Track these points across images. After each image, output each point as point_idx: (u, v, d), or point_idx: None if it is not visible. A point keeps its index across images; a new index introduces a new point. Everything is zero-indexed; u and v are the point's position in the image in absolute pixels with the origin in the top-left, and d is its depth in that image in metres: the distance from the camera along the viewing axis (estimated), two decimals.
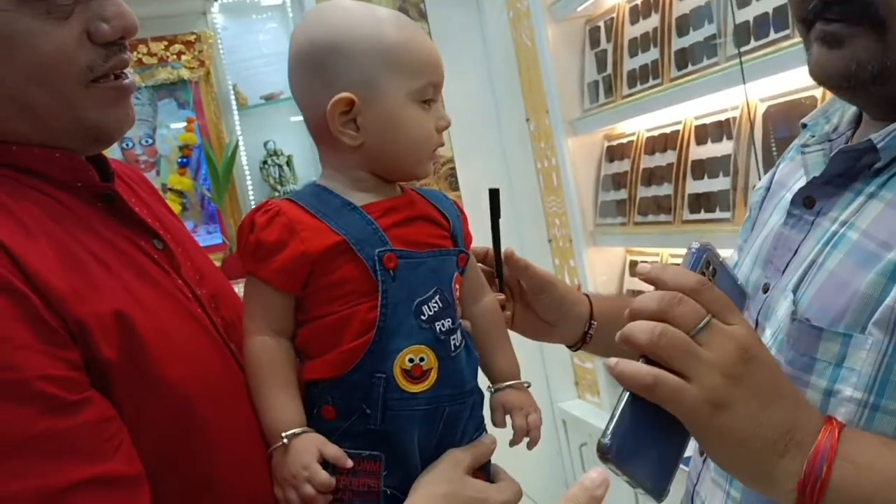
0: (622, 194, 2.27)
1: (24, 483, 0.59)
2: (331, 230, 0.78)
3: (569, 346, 1.05)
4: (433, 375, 0.79)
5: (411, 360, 0.78)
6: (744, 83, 1.61)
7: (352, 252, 0.78)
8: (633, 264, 2.34)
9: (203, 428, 0.71)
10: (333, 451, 0.76)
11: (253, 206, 2.80)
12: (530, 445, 0.88)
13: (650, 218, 2.15)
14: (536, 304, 1.01)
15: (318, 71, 0.82)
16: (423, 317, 0.79)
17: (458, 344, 0.82)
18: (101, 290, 0.68)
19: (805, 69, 0.74)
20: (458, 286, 0.85)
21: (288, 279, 0.78)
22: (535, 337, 1.04)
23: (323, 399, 0.79)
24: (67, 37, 0.68)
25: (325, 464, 0.76)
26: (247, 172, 2.80)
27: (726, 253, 0.89)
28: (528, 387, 0.91)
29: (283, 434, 0.76)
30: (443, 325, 0.80)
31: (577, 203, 2.39)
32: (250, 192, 2.82)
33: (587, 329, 1.02)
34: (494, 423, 0.88)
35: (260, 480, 0.76)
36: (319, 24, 0.82)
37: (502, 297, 0.97)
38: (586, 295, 1.05)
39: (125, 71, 0.74)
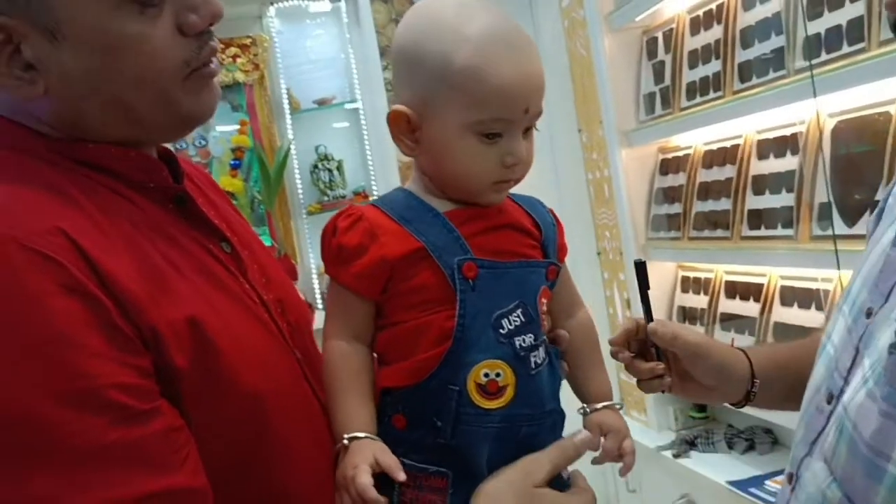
0: (676, 208, 2.23)
1: (92, 495, 0.57)
2: (411, 236, 0.77)
3: (732, 404, 1.00)
4: (510, 392, 0.76)
5: (486, 375, 0.75)
6: (814, 96, 1.56)
7: (430, 259, 0.76)
8: (685, 280, 2.29)
9: (274, 436, 0.70)
10: (389, 460, 0.73)
11: (303, 210, 2.83)
12: (623, 472, 0.83)
13: (706, 233, 2.10)
14: (694, 371, 0.96)
15: (396, 72, 0.81)
16: (502, 330, 0.77)
17: (539, 361, 0.79)
18: (174, 295, 0.66)
19: (879, 84, 0.69)
20: (545, 300, 0.81)
21: (367, 284, 0.78)
22: (696, 399, 1.02)
23: (395, 408, 0.77)
24: (163, 35, 0.67)
25: (385, 477, 0.73)
26: (297, 176, 2.82)
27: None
28: (622, 409, 0.87)
29: (346, 436, 0.74)
30: (523, 340, 0.77)
31: (628, 216, 2.35)
32: (300, 196, 2.83)
33: (750, 388, 0.97)
34: (590, 447, 0.83)
35: (330, 491, 0.74)
36: (407, 25, 0.80)
37: (661, 366, 0.92)
38: (742, 350, 1.00)
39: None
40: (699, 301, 2.20)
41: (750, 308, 1.97)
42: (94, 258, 0.62)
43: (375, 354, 0.81)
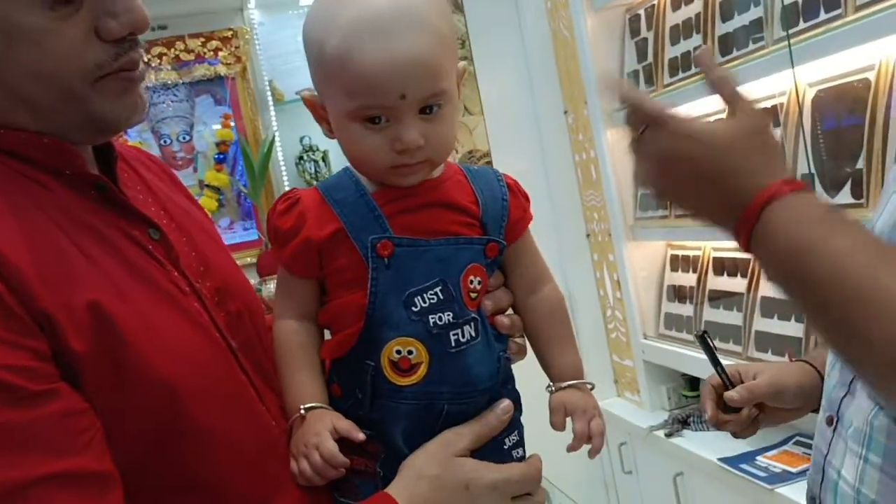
0: None
1: None
2: (335, 217, 0.78)
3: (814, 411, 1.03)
4: (423, 370, 0.77)
5: (399, 352, 0.76)
6: (792, 66, 1.54)
7: (349, 239, 0.78)
8: (675, 258, 2.28)
9: (193, 425, 0.68)
10: (345, 424, 0.77)
11: None
12: (592, 454, 0.82)
13: None
14: (779, 404, 1.03)
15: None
16: (414, 308, 0.77)
17: (463, 340, 0.78)
18: (76, 280, 0.64)
19: (857, 51, 0.69)
20: (477, 278, 0.80)
21: (301, 264, 0.80)
22: (789, 420, 1.08)
23: (331, 378, 0.81)
24: (74, 35, 0.65)
25: (339, 442, 0.76)
26: (283, 168, 2.80)
27: None
28: (592, 389, 0.86)
29: (302, 407, 0.77)
30: (439, 318, 0.77)
31: (616, 196, 2.33)
32: (287, 188, 2.82)
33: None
34: (553, 426, 0.83)
35: (255, 483, 0.73)
36: (309, 10, 0.80)
37: (754, 413, 1.01)
38: (804, 361, 1.06)
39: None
40: (688, 279, 2.19)
41: (738, 284, 1.95)
42: None
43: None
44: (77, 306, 0.63)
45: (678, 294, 2.24)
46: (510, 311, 0.87)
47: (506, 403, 0.81)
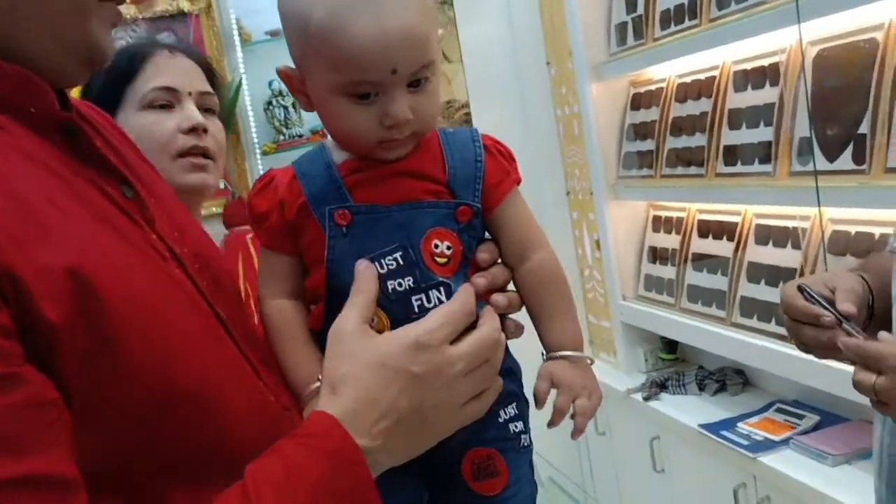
0: (648, 145, 2.14)
1: None
2: (302, 193, 0.77)
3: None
4: None
5: None
6: (798, 22, 1.47)
7: (311, 211, 0.76)
8: (657, 219, 2.23)
9: (187, 403, 0.60)
10: None
11: (257, 150, 2.69)
12: (573, 434, 0.77)
13: (679, 170, 2.02)
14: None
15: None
16: None
17: (430, 305, 0.74)
18: (50, 239, 0.55)
19: (866, 9, 0.62)
20: (446, 242, 0.76)
21: (279, 241, 0.79)
22: None
23: (320, 348, 0.76)
24: None
25: None
26: (250, 113, 2.68)
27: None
28: (592, 363, 0.81)
29: (311, 386, 0.74)
30: (399, 283, 0.74)
31: (599, 153, 2.26)
32: (254, 135, 2.69)
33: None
34: (535, 394, 0.79)
35: (271, 432, 0.65)
36: None
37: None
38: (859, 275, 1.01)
39: None
40: (671, 241, 2.14)
41: (723, 247, 1.91)
42: None
43: None
44: (53, 269, 0.53)
45: (659, 256, 2.19)
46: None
47: (367, 270, 0.74)
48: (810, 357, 0.99)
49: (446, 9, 2.56)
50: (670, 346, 2.24)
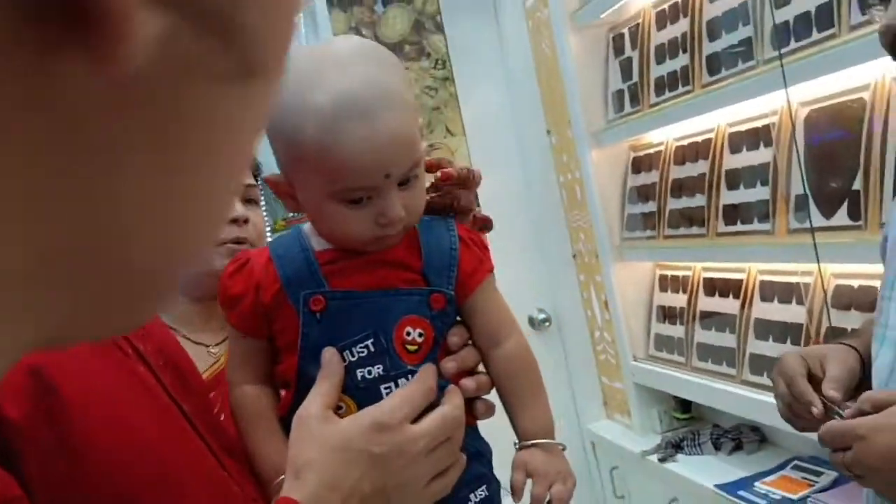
0: (650, 206, 2.19)
1: None
2: (278, 279, 0.77)
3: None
4: None
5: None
6: (785, 86, 1.52)
7: (286, 297, 0.76)
8: (663, 279, 2.25)
9: (148, 498, 0.61)
10: None
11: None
12: None
13: (681, 230, 2.05)
14: None
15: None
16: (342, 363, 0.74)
17: None
18: None
19: (851, 70, 0.67)
20: (419, 329, 0.76)
21: (251, 325, 0.78)
22: None
23: (286, 433, 0.76)
24: None
25: None
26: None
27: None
28: (564, 450, 0.81)
29: (280, 477, 0.72)
30: (368, 372, 0.74)
31: (602, 217, 2.30)
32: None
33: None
34: (511, 486, 0.78)
35: None
36: None
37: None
38: (849, 346, 1.06)
39: None
40: (678, 300, 2.16)
41: (730, 305, 1.93)
42: None
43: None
44: (14, 368, 0.54)
45: (668, 315, 2.21)
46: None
47: (333, 356, 0.75)
48: None
49: (448, 85, 2.65)
50: (684, 405, 2.23)
